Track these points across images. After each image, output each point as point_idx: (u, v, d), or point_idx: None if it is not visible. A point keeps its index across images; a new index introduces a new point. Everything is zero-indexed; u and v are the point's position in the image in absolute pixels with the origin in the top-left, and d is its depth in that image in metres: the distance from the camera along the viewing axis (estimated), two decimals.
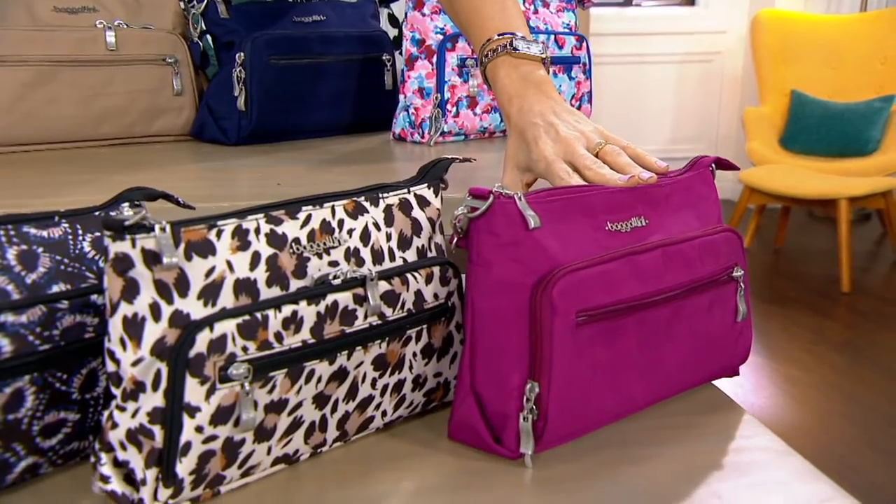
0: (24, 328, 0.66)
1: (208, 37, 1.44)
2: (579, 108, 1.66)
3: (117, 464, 0.67)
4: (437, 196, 0.83)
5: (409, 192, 0.81)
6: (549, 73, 1.01)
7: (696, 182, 0.90)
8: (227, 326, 0.65)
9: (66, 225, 0.73)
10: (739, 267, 0.86)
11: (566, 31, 1.57)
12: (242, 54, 1.38)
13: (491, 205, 0.75)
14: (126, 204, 0.74)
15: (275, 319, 0.67)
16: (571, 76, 1.61)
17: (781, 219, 4.57)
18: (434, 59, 1.46)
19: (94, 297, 0.70)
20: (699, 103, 5.46)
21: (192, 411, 0.64)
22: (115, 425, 0.65)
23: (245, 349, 0.65)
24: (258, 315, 0.66)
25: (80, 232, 0.73)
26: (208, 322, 0.64)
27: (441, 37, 1.44)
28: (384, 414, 0.79)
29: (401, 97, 1.49)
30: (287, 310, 0.68)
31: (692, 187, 0.89)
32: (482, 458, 0.77)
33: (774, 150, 4.44)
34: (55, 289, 0.69)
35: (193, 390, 0.64)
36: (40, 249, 0.70)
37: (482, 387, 0.76)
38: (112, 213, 0.64)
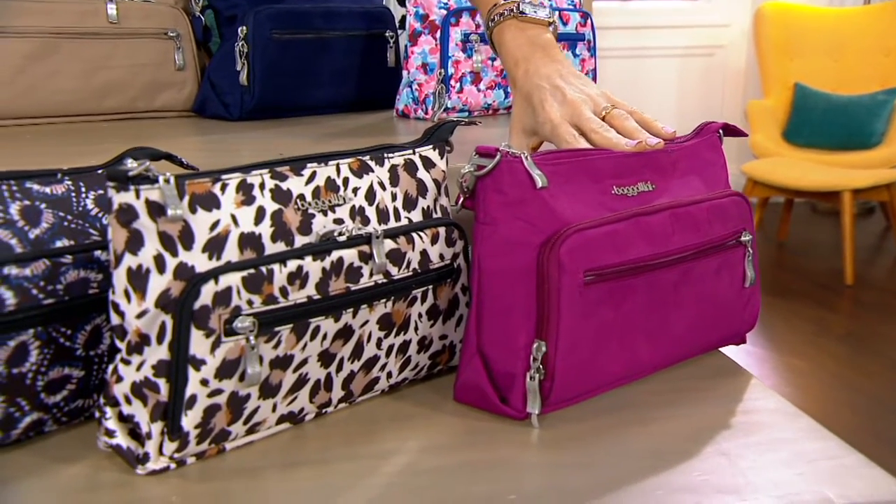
0: (28, 281, 0.65)
1: (210, 11, 1.43)
2: None
3: (122, 418, 0.66)
4: (442, 158, 0.83)
5: (414, 153, 0.81)
6: (556, 37, 1.00)
7: (704, 148, 0.89)
8: (233, 279, 0.64)
9: (70, 182, 0.72)
10: (748, 232, 0.85)
11: (570, 7, 1.56)
12: (245, 28, 1.37)
13: (498, 163, 0.75)
14: (129, 160, 0.73)
15: (280, 274, 0.66)
16: (576, 53, 1.60)
17: (784, 212, 4.56)
18: (438, 35, 1.45)
19: (98, 252, 0.70)
20: (702, 97, 5.44)
21: (198, 364, 0.63)
22: (119, 379, 0.65)
23: (250, 303, 0.65)
24: (263, 269, 0.66)
25: (83, 189, 0.73)
26: (213, 274, 0.63)
27: (445, 12, 1.43)
28: (389, 375, 0.79)
29: (404, 73, 1.49)
30: (292, 264, 0.67)
31: (700, 153, 0.88)
32: (488, 419, 0.76)
33: (778, 143, 4.43)
34: (58, 244, 0.69)
35: (199, 343, 0.63)
36: (43, 205, 0.70)
37: (488, 347, 0.76)
38: (114, 167, 0.63)
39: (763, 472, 0.68)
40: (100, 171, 0.75)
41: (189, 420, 0.64)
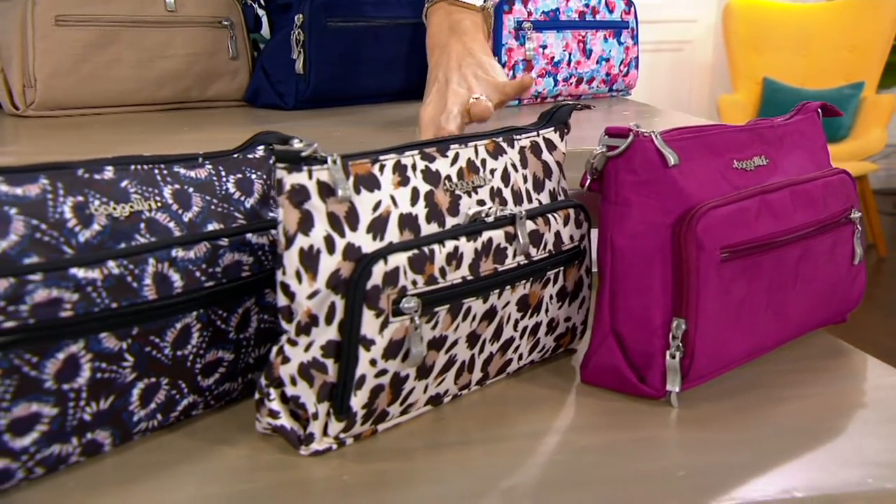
0: (192, 264, 0.65)
1: None
2: (627, 73, 1.66)
3: (285, 399, 0.66)
4: (562, 140, 0.83)
5: (538, 135, 0.81)
6: (488, 20, 1.00)
7: (806, 125, 0.90)
8: (399, 260, 0.64)
9: (210, 166, 0.72)
10: (856, 209, 0.87)
11: None
12: (301, 16, 1.37)
13: (631, 143, 0.75)
14: (261, 147, 0.73)
15: (440, 254, 0.67)
16: (620, 41, 1.61)
17: None
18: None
19: (249, 235, 0.70)
20: (670, 91, 5.47)
21: (368, 344, 0.63)
22: (286, 360, 0.65)
23: (415, 283, 0.65)
24: (425, 249, 0.66)
25: (223, 173, 0.73)
26: (382, 255, 0.64)
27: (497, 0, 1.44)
28: (520, 357, 0.79)
29: None
30: (450, 245, 0.68)
31: (803, 130, 0.90)
32: (619, 399, 0.77)
33: None
34: (210, 227, 0.69)
35: (369, 323, 0.63)
36: (191, 189, 0.69)
37: (623, 327, 0.76)
38: (285, 147, 0.63)
39: None
40: (235, 156, 0.75)
41: (357, 400, 0.65)
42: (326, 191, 0.63)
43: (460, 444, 0.70)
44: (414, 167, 0.69)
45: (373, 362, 0.64)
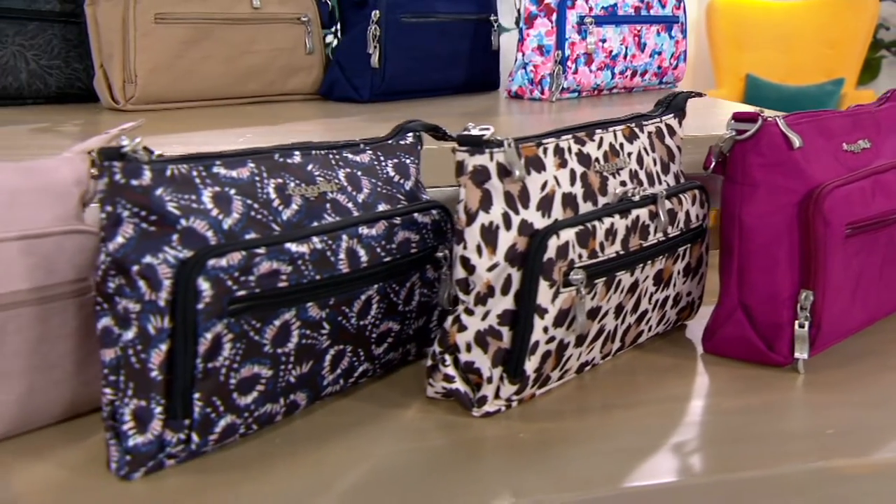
0: (374, 241, 0.70)
1: None
2: (676, 66, 1.72)
3: (457, 364, 0.71)
4: (680, 126, 0.89)
5: (660, 121, 0.87)
6: None
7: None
8: (569, 235, 0.70)
9: (371, 152, 0.77)
10: None
11: None
12: (378, 12, 1.42)
13: (760, 126, 0.81)
14: (410, 134, 0.79)
15: (599, 230, 0.72)
16: (672, 35, 1.67)
17: None
18: (553, 17, 1.50)
19: (416, 215, 0.75)
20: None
21: (542, 313, 0.69)
22: (462, 328, 0.70)
23: (580, 256, 0.70)
24: (588, 225, 0.71)
25: (381, 158, 0.78)
26: (555, 230, 0.69)
27: None
28: (649, 329, 0.85)
29: (518, 55, 1.54)
30: (607, 222, 0.73)
31: (894, 115, 0.95)
32: (746, 367, 0.83)
33: None
34: (380, 208, 0.74)
35: (544, 293, 0.68)
36: (359, 172, 0.75)
37: (752, 300, 0.82)
38: (462, 133, 0.68)
39: None
40: (389, 142, 0.80)
41: (531, 365, 0.70)
42: (503, 172, 0.68)
43: (611, 406, 0.75)
44: (569, 150, 0.74)
45: (545, 329, 0.69)
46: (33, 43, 1.24)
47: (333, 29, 1.53)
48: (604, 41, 1.55)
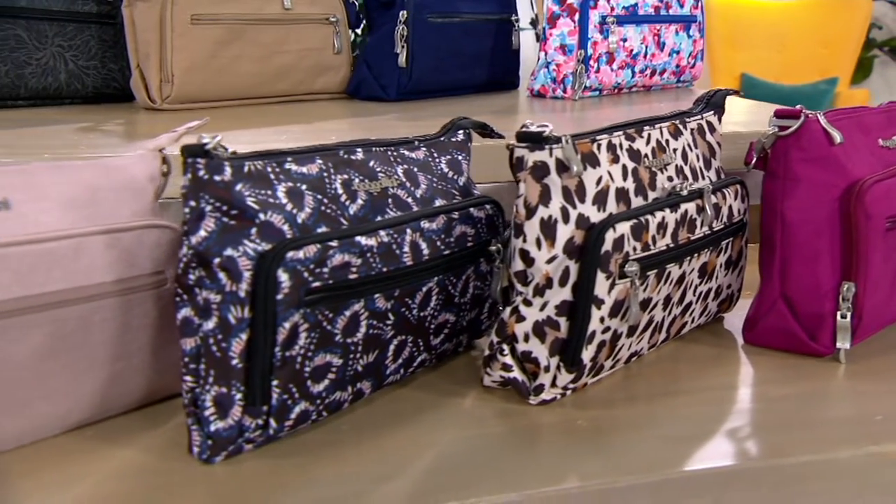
0: (434, 234, 0.72)
1: None
2: (694, 65, 1.74)
3: (515, 354, 0.74)
4: (720, 123, 0.91)
5: (702, 118, 0.89)
6: None
7: None
8: (624, 228, 0.72)
9: (425, 149, 0.79)
10: None
11: None
12: (406, 12, 1.44)
13: (803, 123, 0.83)
14: (461, 131, 0.81)
15: (652, 224, 0.74)
16: (689, 34, 1.69)
17: None
18: (576, 17, 1.53)
19: (472, 210, 0.77)
20: None
21: (599, 304, 0.71)
22: (520, 319, 0.72)
23: (635, 249, 0.73)
24: (641, 219, 0.74)
25: (435, 155, 0.80)
26: (611, 224, 0.71)
27: None
28: (692, 321, 0.87)
29: (541, 54, 1.56)
30: (658, 216, 0.75)
31: None
32: (787, 356, 0.85)
33: None
34: (437, 203, 0.76)
35: (601, 285, 0.71)
36: (415, 168, 0.77)
37: (794, 291, 0.84)
38: (523, 129, 0.70)
39: None
40: (442, 139, 0.82)
41: (587, 354, 0.72)
42: (562, 167, 0.70)
43: (660, 395, 0.77)
44: (620, 146, 0.77)
45: (601, 320, 0.72)
46: (72, 44, 1.26)
47: (359, 29, 1.55)
48: (625, 40, 1.58)
